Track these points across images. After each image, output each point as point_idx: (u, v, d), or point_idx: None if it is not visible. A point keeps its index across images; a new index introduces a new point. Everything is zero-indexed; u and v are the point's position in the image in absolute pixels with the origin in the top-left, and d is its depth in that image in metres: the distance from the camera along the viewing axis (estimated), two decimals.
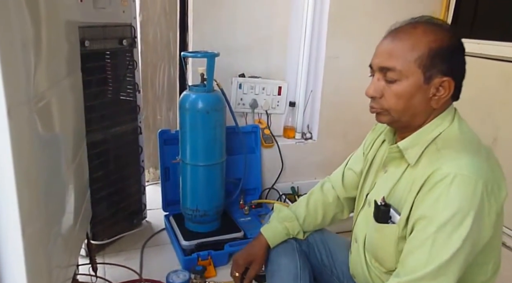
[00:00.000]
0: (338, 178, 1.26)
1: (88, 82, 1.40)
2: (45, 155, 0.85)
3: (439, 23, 0.92)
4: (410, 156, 0.92)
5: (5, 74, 0.62)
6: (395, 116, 0.92)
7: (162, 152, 1.95)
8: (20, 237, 0.69)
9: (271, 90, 2.17)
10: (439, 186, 0.83)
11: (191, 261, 1.64)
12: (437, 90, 0.88)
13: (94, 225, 1.64)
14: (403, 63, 0.87)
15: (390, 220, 0.96)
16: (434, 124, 0.91)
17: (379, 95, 0.92)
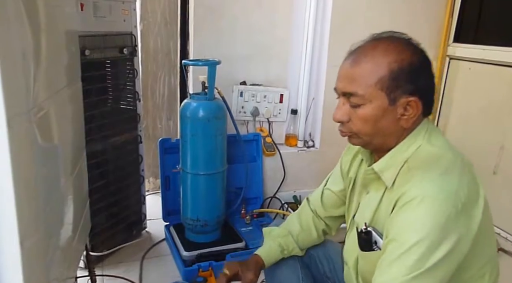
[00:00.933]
0: (317, 197, 1.23)
1: (88, 91, 1.38)
2: (44, 166, 0.83)
3: (402, 38, 0.89)
4: (386, 178, 0.90)
5: (5, 85, 0.61)
6: (365, 139, 0.91)
7: (163, 161, 1.93)
8: (18, 250, 0.68)
9: (273, 98, 2.16)
10: (406, 209, 0.81)
11: (192, 272, 1.61)
12: (405, 110, 0.86)
13: (93, 236, 1.62)
14: (365, 87, 0.85)
15: (376, 245, 0.94)
16: (407, 144, 0.89)
17: (346, 119, 0.90)
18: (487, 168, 2.01)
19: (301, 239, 1.21)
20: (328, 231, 1.24)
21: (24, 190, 0.69)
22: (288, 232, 1.21)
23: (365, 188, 1.01)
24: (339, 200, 1.18)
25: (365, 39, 0.90)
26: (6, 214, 0.66)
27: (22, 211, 0.68)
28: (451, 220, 0.78)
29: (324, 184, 1.24)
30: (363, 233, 0.95)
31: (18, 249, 0.68)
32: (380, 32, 0.90)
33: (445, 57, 2.31)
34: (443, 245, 0.78)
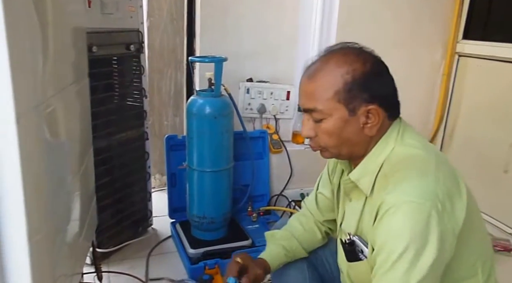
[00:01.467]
0: (313, 202, 1.22)
1: (94, 88, 1.38)
2: (52, 162, 0.83)
3: (353, 48, 0.91)
4: (364, 186, 0.91)
5: (15, 81, 0.61)
6: (334, 152, 0.93)
7: (169, 158, 1.93)
8: (26, 245, 0.68)
9: (279, 95, 2.14)
10: (386, 218, 0.81)
11: (198, 269, 1.61)
12: (366, 118, 0.87)
13: (99, 233, 1.62)
14: (322, 102, 0.87)
15: (362, 254, 0.94)
16: (379, 149, 0.90)
17: (313, 134, 0.92)
18: (498, 166, 1.99)
19: (305, 240, 1.20)
20: (331, 232, 1.23)
21: (32, 185, 0.68)
22: (291, 234, 1.19)
23: (347, 195, 1.01)
24: (331, 203, 1.17)
25: (319, 53, 0.93)
26: (15, 210, 0.66)
27: (30, 207, 0.68)
28: (433, 221, 0.78)
29: (316, 187, 1.23)
30: (347, 244, 0.95)
31: (26, 244, 0.68)
32: (332, 45, 0.93)
33: (454, 54, 2.29)
34: (428, 247, 0.78)
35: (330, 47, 0.92)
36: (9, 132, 0.62)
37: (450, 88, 2.33)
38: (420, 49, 2.25)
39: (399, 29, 2.16)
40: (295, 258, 1.18)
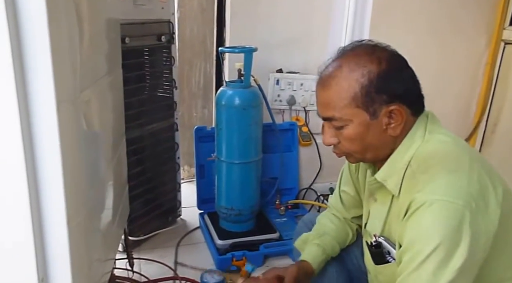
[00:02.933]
0: (338, 201, 1.20)
1: (127, 79, 1.39)
2: (88, 151, 0.85)
3: (365, 47, 0.87)
4: (391, 186, 0.88)
5: (55, 71, 0.63)
6: (359, 157, 0.91)
7: (198, 149, 1.94)
8: (65, 229, 0.71)
9: (310, 86, 2.11)
10: (416, 216, 0.78)
11: (226, 260, 1.62)
12: (389, 118, 0.85)
13: (131, 221, 1.65)
14: (341, 110, 0.85)
15: (390, 255, 0.91)
16: (405, 147, 0.87)
17: (335, 142, 0.90)
18: None
19: (338, 236, 1.18)
20: (360, 229, 1.20)
21: (70, 172, 0.70)
22: (323, 232, 1.17)
23: (372, 195, 0.98)
24: (355, 200, 1.15)
25: (331, 57, 0.89)
26: (55, 195, 0.69)
27: (68, 193, 0.70)
28: (465, 222, 0.74)
29: (338, 186, 1.21)
30: (373, 247, 0.93)
31: (65, 228, 0.71)
32: (345, 45, 0.90)
33: (500, 42, 2.15)
34: (460, 248, 0.74)
35: (342, 49, 0.89)
36: (50, 119, 0.64)
37: (494, 78, 2.20)
38: (460, 36, 2.14)
39: (438, 15, 2.07)
40: (333, 255, 1.16)
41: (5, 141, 0.62)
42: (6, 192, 0.65)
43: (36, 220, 0.68)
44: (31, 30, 0.60)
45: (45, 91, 0.63)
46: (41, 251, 0.71)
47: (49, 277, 0.73)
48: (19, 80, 0.61)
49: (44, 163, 0.66)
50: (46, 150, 0.65)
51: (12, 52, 0.59)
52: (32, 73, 0.62)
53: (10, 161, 0.63)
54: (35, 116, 0.63)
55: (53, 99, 0.63)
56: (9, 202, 0.66)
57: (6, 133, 0.62)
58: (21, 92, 0.61)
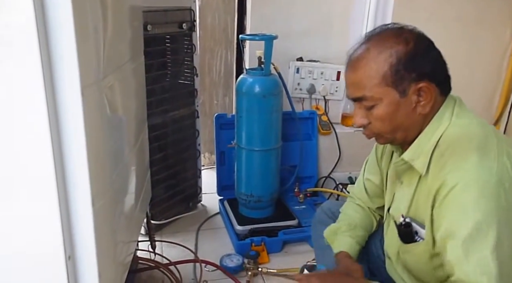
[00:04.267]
0: (361, 190, 1.21)
1: (149, 66, 1.42)
2: (111, 135, 0.88)
3: (392, 29, 0.89)
4: (419, 166, 0.89)
5: (80, 56, 0.65)
6: (389, 137, 0.92)
7: (218, 136, 1.96)
8: (90, 209, 0.74)
9: (330, 75, 2.10)
10: (451, 198, 0.79)
11: (245, 246, 1.65)
12: (418, 96, 0.86)
13: (153, 206, 1.70)
14: (371, 89, 0.86)
15: (418, 235, 0.92)
16: (433, 128, 0.88)
17: (365, 122, 0.91)
18: None
19: (366, 226, 1.19)
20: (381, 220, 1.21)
21: (94, 155, 0.73)
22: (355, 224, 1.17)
23: (399, 178, 0.99)
24: (379, 190, 1.16)
25: (359, 41, 0.92)
26: (80, 176, 0.71)
27: (93, 175, 0.73)
28: (500, 199, 0.76)
29: (362, 174, 1.21)
30: (403, 226, 0.93)
31: (90, 208, 0.74)
32: (371, 30, 0.92)
33: None
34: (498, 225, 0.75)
35: (369, 33, 0.91)
36: (75, 102, 0.66)
37: None
38: (485, 27, 2.10)
39: (463, 4, 2.02)
40: (363, 245, 1.17)
41: (32, 125, 0.65)
42: (34, 174, 0.68)
43: (62, 201, 0.71)
44: (57, 17, 0.63)
45: (70, 75, 0.65)
46: (68, 231, 0.74)
47: (76, 255, 0.77)
48: (46, 65, 0.63)
49: (70, 146, 0.69)
50: (72, 133, 0.68)
51: (39, 38, 0.61)
52: (58, 58, 0.64)
53: (38, 143, 0.66)
54: (61, 100, 0.66)
55: (78, 83, 0.65)
56: (36, 183, 0.69)
57: (33, 117, 0.65)
58: (48, 77, 0.64)
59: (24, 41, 0.61)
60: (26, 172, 0.68)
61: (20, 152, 0.67)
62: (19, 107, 0.64)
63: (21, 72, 0.63)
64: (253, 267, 1.52)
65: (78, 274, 0.78)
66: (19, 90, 0.63)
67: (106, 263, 0.83)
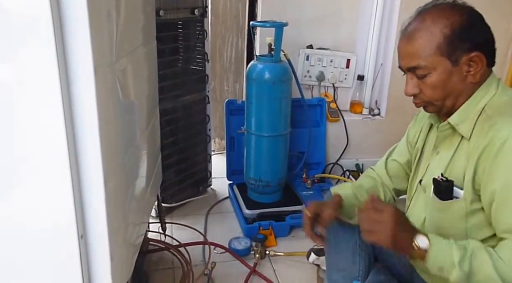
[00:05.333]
0: (382, 168, 1.24)
1: (161, 51, 1.44)
2: (123, 118, 0.89)
3: (446, 3, 0.92)
4: (463, 130, 0.93)
5: (93, 37, 0.67)
6: (439, 105, 0.95)
7: (228, 122, 1.98)
8: (102, 190, 0.76)
9: (339, 63, 2.10)
10: (502, 154, 0.83)
11: (253, 229, 1.68)
12: (469, 66, 0.90)
13: (163, 189, 1.73)
14: (425, 58, 0.91)
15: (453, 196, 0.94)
16: (479, 96, 0.92)
17: (417, 92, 0.95)
18: None
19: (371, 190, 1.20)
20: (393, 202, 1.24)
21: (107, 136, 0.75)
22: (360, 185, 1.22)
23: (435, 149, 1.02)
24: (403, 171, 1.19)
25: (412, 16, 0.96)
26: (93, 157, 0.73)
27: (105, 155, 0.75)
28: None
29: (387, 155, 1.24)
30: (445, 181, 0.95)
31: (102, 188, 0.76)
32: (424, 5, 0.95)
33: None
34: None
35: (423, 7, 0.95)
36: (88, 83, 0.68)
37: None
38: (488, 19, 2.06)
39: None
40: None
41: (46, 105, 0.67)
42: (48, 155, 0.70)
43: (75, 181, 0.74)
44: None
45: (83, 55, 0.66)
46: (80, 210, 0.77)
47: (88, 234, 0.79)
48: (59, 46, 0.65)
49: (83, 127, 0.71)
50: (85, 114, 0.70)
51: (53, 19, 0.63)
52: (71, 38, 0.66)
53: (52, 124, 0.68)
54: (74, 80, 0.68)
55: (91, 63, 0.67)
56: (50, 164, 0.71)
57: (47, 97, 0.67)
58: (61, 58, 0.66)
59: (39, 22, 0.62)
60: (40, 152, 0.70)
61: (34, 132, 0.69)
62: (33, 87, 0.66)
63: (35, 52, 0.64)
64: (261, 250, 1.56)
65: (90, 253, 0.80)
66: (33, 70, 0.65)
67: (117, 243, 0.85)
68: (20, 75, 0.66)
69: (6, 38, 0.64)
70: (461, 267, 0.82)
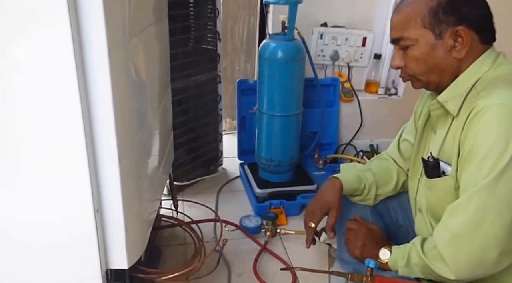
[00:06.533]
0: (395, 149, 1.23)
1: (172, 30, 1.43)
2: (136, 97, 0.90)
3: None
4: (451, 107, 0.92)
5: (107, 17, 0.67)
6: (423, 79, 0.96)
7: (240, 102, 1.98)
8: (117, 166, 0.78)
9: (355, 42, 2.06)
10: (475, 121, 0.83)
11: (264, 208, 1.70)
12: (455, 41, 0.89)
13: (175, 168, 1.75)
14: (408, 30, 0.92)
15: (443, 174, 0.95)
16: (471, 72, 0.91)
17: (402, 64, 0.96)
18: None
19: (380, 179, 1.21)
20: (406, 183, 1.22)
21: (121, 114, 0.76)
22: (369, 168, 1.22)
23: (433, 129, 1.02)
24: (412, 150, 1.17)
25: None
26: (108, 134, 0.75)
27: (120, 132, 0.76)
28: None
29: (399, 135, 1.24)
30: (430, 160, 0.96)
31: (117, 164, 0.78)
32: None
33: None
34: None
35: None
36: (102, 62, 0.69)
37: None
38: None
39: None
40: (366, 194, 1.21)
41: (62, 85, 0.68)
42: (64, 132, 0.72)
43: (91, 158, 0.76)
44: None
45: (98, 36, 0.67)
46: (96, 186, 0.79)
47: (104, 208, 0.82)
48: (74, 27, 0.66)
49: (98, 105, 0.72)
50: (99, 91, 0.71)
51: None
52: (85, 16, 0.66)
53: (67, 103, 0.70)
54: (89, 58, 0.69)
55: (105, 45, 0.68)
56: (67, 141, 0.73)
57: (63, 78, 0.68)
58: (76, 39, 0.67)
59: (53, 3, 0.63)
60: (57, 130, 0.72)
61: (51, 111, 0.71)
62: (49, 68, 0.67)
63: (50, 34, 0.65)
64: (272, 228, 1.58)
65: (106, 226, 0.84)
66: (48, 49, 0.66)
67: (131, 217, 0.88)
68: (36, 55, 0.67)
69: (21, 17, 0.64)
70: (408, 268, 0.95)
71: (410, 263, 0.95)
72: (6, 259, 0.82)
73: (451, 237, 0.86)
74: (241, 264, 1.44)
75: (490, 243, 0.81)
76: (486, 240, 0.82)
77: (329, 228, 1.17)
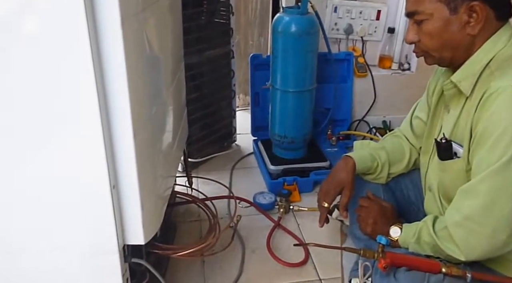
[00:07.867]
0: (407, 127, 1.22)
1: (184, 2, 1.40)
2: (149, 72, 0.89)
3: None
4: (464, 87, 0.91)
5: None
6: (436, 55, 0.94)
7: (253, 77, 1.96)
8: (132, 142, 0.78)
9: (369, 15, 2.00)
10: (489, 103, 0.81)
11: (277, 184, 1.70)
12: (469, 17, 0.87)
13: (189, 144, 1.75)
14: (424, 3, 0.89)
15: (456, 156, 0.94)
16: (485, 50, 0.88)
17: (416, 39, 0.94)
18: None
19: (393, 157, 1.20)
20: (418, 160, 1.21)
21: (135, 89, 0.76)
22: (382, 146, 1.21)
23: (446, 107, 1.00)
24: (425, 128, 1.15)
25: None
26: (122, 109, 0.75)
27: (134, 108, 0.76)
28: None
29: (412, 112, 1.22)
30: (443, 142, 0.95)
31: (132, 140, 0.78)
32: None
33: None
34: None
35: None
36: (115, 33, 0.68)
37: None
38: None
39: None
40: (379, 173, 1.21)
41: (76, 58, 0.68)
42: (79, 108, 0.72)
43: (106, 133, 0.76)
44: None
45: (111, 7, 0.66)
46: (112, 162, 0.79)
47: (120, 184, 0.83)
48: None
49: (112, 78, 0.71)
50: (113, 64, 0.70)
51: None
52: None
53: (82, 78, 0.69)
54: (102, 30, 0.68)
55: (118, 13, 0.66)
56: (82, 117, 0.73)
57: (77, 48, 0.67)
58: (89, 9, 0.65)
59: None
60: (72, 105, 0.72)
61: (65, 86, 0.70)
62: (62, 40, 0.66)
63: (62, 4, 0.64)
64: (285, 205, 1.58)
65: (122, 202, 0.84)
66: (61, 23, 0.65)
67: (147, 193, 0.88)
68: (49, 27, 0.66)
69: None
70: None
71: (420, 241, 0.96)
72: (27, 235, 0.84)
73: (462, 219, 0.87)
74: (255, 240, 1.46)
75: (500, 225, 0.82)
76: (496, 222, 0.83)
77: (343, 208, 1.17)
